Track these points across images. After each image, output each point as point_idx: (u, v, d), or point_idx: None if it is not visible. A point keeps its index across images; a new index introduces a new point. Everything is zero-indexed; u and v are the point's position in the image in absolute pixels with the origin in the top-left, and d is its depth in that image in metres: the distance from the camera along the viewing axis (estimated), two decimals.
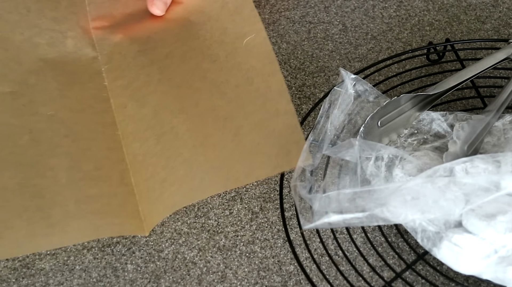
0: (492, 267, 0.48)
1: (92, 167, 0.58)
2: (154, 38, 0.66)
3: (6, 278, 0.55)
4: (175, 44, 0.65)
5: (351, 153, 0.52)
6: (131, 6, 0.68)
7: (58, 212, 0.56)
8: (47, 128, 0.60)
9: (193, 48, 0.64)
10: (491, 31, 0.69)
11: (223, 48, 0.64)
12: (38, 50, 0.64)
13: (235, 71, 0.62)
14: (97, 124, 0.61)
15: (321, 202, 0.50)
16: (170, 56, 0.64)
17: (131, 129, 0.60)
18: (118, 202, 0.57)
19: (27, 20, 0.65)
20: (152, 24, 0.67)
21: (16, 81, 0.62)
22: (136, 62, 0.64)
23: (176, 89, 0.62)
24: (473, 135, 0.55)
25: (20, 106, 0.61)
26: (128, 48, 0.65)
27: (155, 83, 0.62)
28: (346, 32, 0.70)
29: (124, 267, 0.56)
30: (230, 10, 0.66)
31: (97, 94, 0.63)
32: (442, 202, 0.49)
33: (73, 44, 0.65)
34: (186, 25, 0.66)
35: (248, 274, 0.55)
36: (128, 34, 0.66)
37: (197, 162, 0.58)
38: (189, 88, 0.62)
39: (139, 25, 0.67)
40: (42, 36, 0.65)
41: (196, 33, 0.65)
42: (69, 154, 0.59)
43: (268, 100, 0.60)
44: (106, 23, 0.67)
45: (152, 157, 0.59)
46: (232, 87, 0.61)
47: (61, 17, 0.66)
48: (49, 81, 0.62)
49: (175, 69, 0.63)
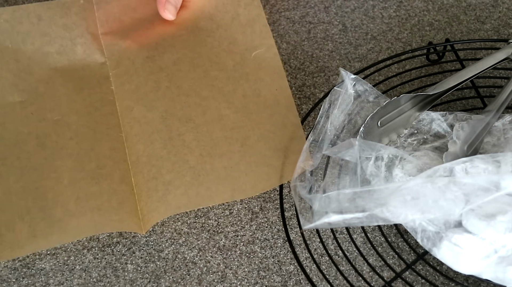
0: (492, 267, 0.48)
1: (94, 166, 0.59)
2: (162, 44, 0.66)
3: (7, 278, 0.55)
4: (183, 51, 0.65)
5: (351, 153, 0.52)
6: (140, 11, 0.68)
7: (59, 211, 0.57)
8: (52, 132, 0.61)
9: (201, 55, 0.65)
10: (491, 31, 0.69)
11: (231, 58, 0.65)
12: (48, 60, 0.65)
13: (243, 82, 0.63)
14: (101, 126, 0.62)
15: (321, 202, 0.50)
16: (178, 62, 0.65)
17: (136, 131, 0.61)
18: (118, 199, 0.57)
19: (38, 29, 0.66)
20: (161, 30, 0.67)
21: (26, 91, 0.63)
22: (144, 68, 0.65)
23: (184, 97, 0.63)
24: (473, 135, 0.55)
25: (28, 114, 0.62)
26: (137, 54, 0.66)
27: (163, 90, 0.63)
28: (346, 32, 0.70)
29: (124, 267, 0.56)
30: (241, 22, 0.66)
31: (104, 97, 0.63)
32: (442, 202, 0.49)
33: (83, 51, 0.66)
34: (194, 31, 0.67)
35: (248, 274, 0.55)
36: (137, 40, 0.67)
37: (204, 171, 0.58)
38: (197, 96, 0.63)
39: (148, 31, 0.67)
40: (52, 45, 0.66)
41: (204, 39, 0.66)
42: (73, 155, 0.60)
43: (276, 113, 0.61)
44: (115, 28, 0.67)
45: (158, 160, 0.59)
46: (239, 97, 0.62)
47: (71, 24, 0.67)
48: (57, 89, 0.64)
49: (183, 76, 0.64)
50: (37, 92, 0.63)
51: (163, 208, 0.57)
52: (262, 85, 0.63)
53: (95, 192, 0.57)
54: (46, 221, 0.56)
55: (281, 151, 0.59)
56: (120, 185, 0.58)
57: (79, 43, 0.66)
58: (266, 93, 0.63)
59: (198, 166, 0.59)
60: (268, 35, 0.66)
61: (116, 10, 0.68)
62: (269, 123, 0.61)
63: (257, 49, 0.65)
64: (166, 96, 0.63)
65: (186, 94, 0.63)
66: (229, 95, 0.63)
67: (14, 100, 0.62)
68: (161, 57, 0.65)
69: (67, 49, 0.66)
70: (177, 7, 0.67)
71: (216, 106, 0.62)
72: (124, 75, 0.65)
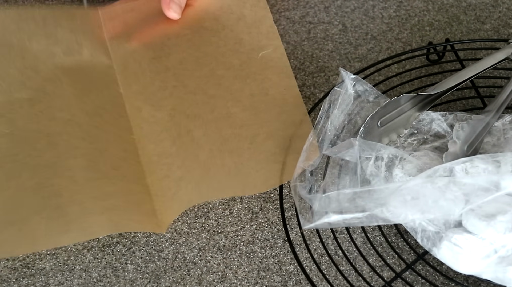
0: (492, 267, 0.48)
1: (109, 167, 0.59)
2: (168, 44, 0.66)
3: (7, 278, 0.56)
4: (189, 50, 0.66)
5: (351, 153, 0.52)
6: (145, 12, 0.68)
7: (75, 209, 0.56)
8: (64, 132, 0.61)
9: (206, 54, 0.65)
10: (491, 31, 0.69)
11: (237, 57, 0.65)
12: (54, 59, 0.65)
13: (250, 81, 0.63)
14: (113, 128, 0.62)
15: (321, 202, 0.50)
16: (184, 62, 0.65)
17: (146, 132, 0.61)
18: (135, 200, 0.57)
19: (44, 31, 0.66)
20: (166, 30, 0.67)
21: (33, 89, 0.63)
22: (151, 69, 0.65)
23: (191, 95, 0.63)
24: (473, 135, 0.55)
25: (37, 112, 0.62)
26: (143, 55, 0.66)
27: (170, 89, 0.63)
28: (346, 32, 0.70)
29: (124, 267, 0.56)
30: (247, 23, 0.66)
31: (113, 100, 0.63)
32: (442, 202, 0.49)
33: (89, 53, 0.66)
34: (199, 31, 0.67)
35: (248, 274, 0.55)
36: (142, 41, 0.67)
37: (215, 165, 0.58)
38: (204, 94, 0.63)
39: (152, 31, 0.67)
40: (59, 46, 0.65)
41: (209, 39, 0.66)
42: (86, 155, 0.60)
43: (284, 111, 0.61)
44: (120, 30, 0.67)
45: (168, 157, 0.59)
46: (247, 95, 0.62)
47: (76, 27, 0.67)
48: (65, 89, 0.63)
49: (189, 75, 0.64)
50: (44, 91, 0.63)
51: (177, 205, 0.57)
52: (269, 84, 0.63)
53: (112, 192, 0.57)
54: (64, 218, 0.56)
55: (290, 148, 0.59)
56: (136, 186, 0.58)
57: (85, 45, 0.66)
58: (274, 93, 0.62)
59: (208, 160, 0.59)
60: (275, 36, 0.65)
61: (121, 12, 0.68)
62: (278, 122, 0.60)
63: (264, 49, 0.65)
64: (174, 95, 0.63)
65: (194, 92, 0.63)
66: (236, 94, 0.63)
67: (22, 97, 0.62)
68: (167, 57, 0.65)
69: (73, 51, 0.65)
70: (182, 6, 0.67)
71: (224, 104, 0.62)
72: (131, 76, 0.65)
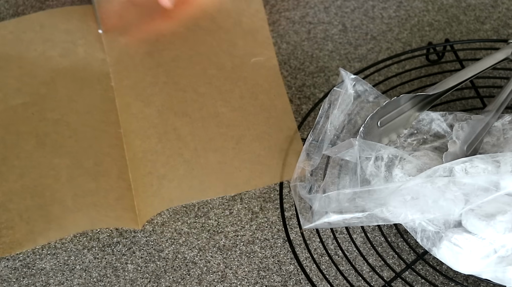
0: (491, 267, 0.48)
1: (92, 163, 0.60)
2: (162, 40, 0.67)
3: (7, 277, 0.56)
4: (182, 48, 0.66)
5: (351, 153, 0.52)
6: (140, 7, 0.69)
7: (56, 208, 0.57)
8: (52, 131, 0.62)
9: (199, 53, 0.66)
10: (491, 31, 0.69)
11: (230, 59, 0.66)
12: (51, 63, 0.66)
13: (240, 83, 0.64)
14: (101, 124, 0.62)
15: (321, 202, 0.50)
16: (177, 59, 0.66)
17: (134, 127, 0.62)
18: (115, 196, 0.58)
19: (41, 36, 0.68)
20: (161, 26, 0.68)
21: (28, 93, 0.64)
22: (143, 64, 0.66)
23: (181, 92, 0.63)
24: (473, 135, 0.55)
25: (29, 115, 0.63)
26: (136, 49, 0.67)
27: (161, 85, 0.64)
28: (346, 32, 0.70)
29: (124, 267, 0.56)
30: (244, 29, 0.68)
31: (104, 95, 0.64)
32: (441, 202, 0.49)
33: (84, 51, 0.67)
34: (194, 29, 0.68)
35: (248, 273, 0.55)
36: (136, 36, 0.68)
37: (198, 164, 0.59)
38: (194, 92, 0.63)
39: (148, 27, 0.68)
40: (55, 49, 0.67)
41: (203, 38, 0.67)
42: (71, 153, 0.61)
43: (272, 116, 0.62)
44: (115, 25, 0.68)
45: (153, 154, 0.60)
46: (237, 97, 0.63)
47: (73, 28, 0.68)
48: (58, 90, 0.65)
49: (181, 73, 0.65)
50: (39, 93, 0.64)
51: (157, 202, 0.58)
52: (259, 89, 0.64)
53: (92, 189, 0.58)
54: (44, 218, 0.57)
55: (276, 151, 0.60)
56: (117, 181, 0.59)
57: (80, 44, 0.67)
58: (264, 98, 0.64)
59: (192, 159, 0.59)
60: (269, 47, 0.67)
61: (117, 7, 0.69)
62: (265, 126, 0.62)
63: (257, 56, 0.66)
64: (164, 91, 0.63)
65: (183, 90, 0.64)
66: (226, 94, 0.63)
67: (17, 103, 0.63)
68: (160, 53, 0.66)
69: (69, 52, 0.67)
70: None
71: (212, 103, 0.63)
72: (123, 71, 0.65)
